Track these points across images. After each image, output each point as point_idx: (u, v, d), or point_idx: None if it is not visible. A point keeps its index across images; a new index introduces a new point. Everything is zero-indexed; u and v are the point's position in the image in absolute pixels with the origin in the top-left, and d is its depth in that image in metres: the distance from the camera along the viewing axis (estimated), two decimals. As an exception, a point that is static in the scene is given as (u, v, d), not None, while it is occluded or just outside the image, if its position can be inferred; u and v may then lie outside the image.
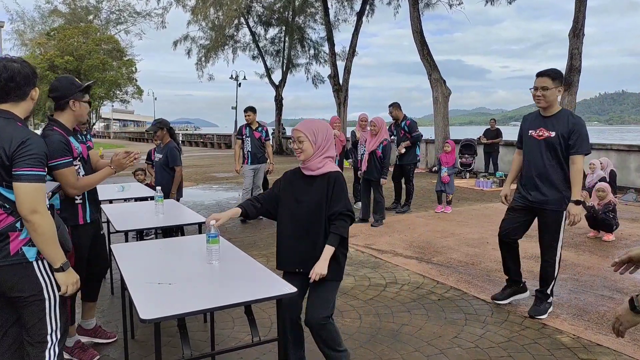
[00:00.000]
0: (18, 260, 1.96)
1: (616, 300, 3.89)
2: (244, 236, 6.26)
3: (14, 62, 2.03)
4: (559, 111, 3.41)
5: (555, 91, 3.33)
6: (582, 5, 11.10)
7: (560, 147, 3.33)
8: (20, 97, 2.04)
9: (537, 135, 3.43)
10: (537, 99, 3.38)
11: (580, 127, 3.31)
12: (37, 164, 1.91)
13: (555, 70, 3.37)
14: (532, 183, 3.48)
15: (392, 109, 7.81)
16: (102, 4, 37.37)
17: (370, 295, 4.08)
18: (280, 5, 23.00)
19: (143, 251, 2.87)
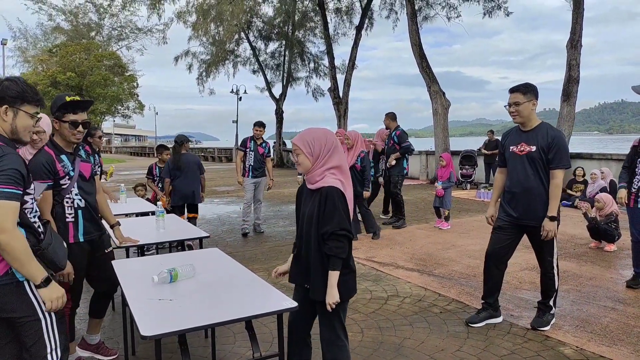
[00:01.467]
0: (8, 280, 1.92)
1: (619, 311, 3.87)
2: (245, 250, 6.25)
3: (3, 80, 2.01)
4: (539, 125, 3.37)
5: (528, 105, 3.31)
6: (579, 16, 11.20)
7: (542, 161, 3.29)
8: None
9: (519, 150, 3.38)
10: (512, 116, 3.38)
11: (560, 141, 3.28)
12: (8, 181, 1.84)
13: (526, 85, 3.36)
14: (517, 200, 3.42)
15: (386, 118, 7.80)
16: (104, 20, 37.81)
17: (372, 308, 4.06)
18: (280, 20, 23.26)
19: (144, 267, 2.88)
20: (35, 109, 2.06)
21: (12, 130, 2.00)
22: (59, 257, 2.09)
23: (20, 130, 2.02)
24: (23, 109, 2.01)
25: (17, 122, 2.00)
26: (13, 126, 1.99)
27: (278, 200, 11.28)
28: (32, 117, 2.05)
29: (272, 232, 7.44)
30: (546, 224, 3.30)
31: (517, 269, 5.12)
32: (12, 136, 2.02)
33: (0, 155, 1.88)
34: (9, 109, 1.98)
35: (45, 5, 35.32)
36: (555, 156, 3.25)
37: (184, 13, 21.57)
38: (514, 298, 4.23)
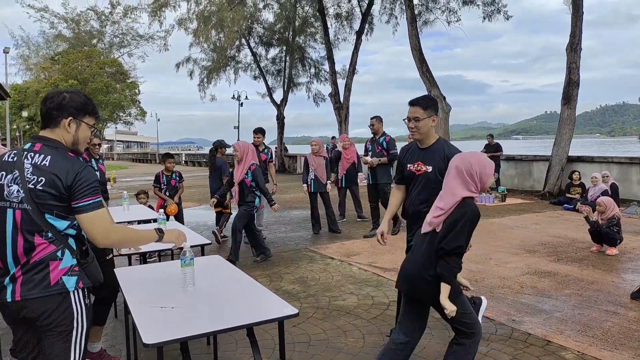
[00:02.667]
0: (58, 290, 1.91)
1: (620, 315, 3.87)
2: (246, 257, 6.26)
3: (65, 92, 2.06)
4: (435, 142, 3.10)
5: (428, 121, 3.02)
6: (578, 20, 11.23)
7: (437, 183, 2.88)
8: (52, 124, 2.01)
9: (415, 169, 3.12)
10: (411, 131, 3.08)
11: None
12: (95, 192, 1.93)
13: (427, 99, 3.09)
14: (411, 223, 3.15)
15: (375, 121, 7.34)
16: (106, 28, 38.03)
17: (374, 314, 4.07)
18: (281, 25, 23.38)
19: (146, 274, 2.90)
20: (94, 121, 2.11)
21: (74, 142, 2.04)
22: (98, 272, 2.10)
23: (80, 141, 2.07)
24: (85, 121, 2.05)
25: (80, 134, 2.05)
26: (75, 137, 2.03)
27: (280, 205, 11.29)
28: (91, 128, 2.10)
29: (274, 237, 7.45)
30: None
31: (519, 273, 5.13)
32: (72, 147, 2.06)
33: (83, 168, 1.92)
34: (73, 121, 2.01)
35: (47, 13, 35.59)
36: None
37: (185, 20, 21.74)
38: (515, 303, 4.23)
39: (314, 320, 3.95)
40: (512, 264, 5.50)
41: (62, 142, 2.00)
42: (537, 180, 12.36)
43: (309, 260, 5.88)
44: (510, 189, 12.31)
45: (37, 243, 1.89)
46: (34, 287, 1.88)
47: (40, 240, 1.89)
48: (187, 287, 2.50)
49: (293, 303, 3.82)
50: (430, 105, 3.05)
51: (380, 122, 7.38)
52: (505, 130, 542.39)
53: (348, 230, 7.84)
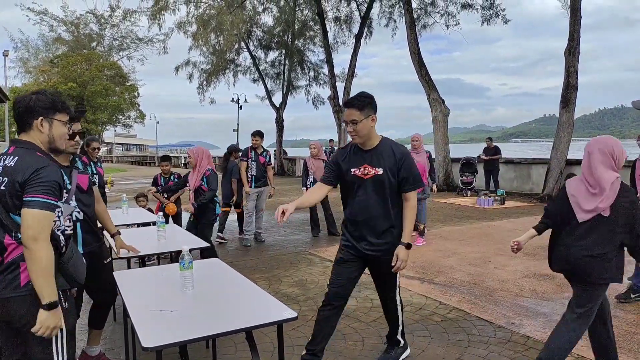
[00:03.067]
0: (28, 291, 1.92)
1: (619, 318, 3.87)
2: (246, 259, 6.26)
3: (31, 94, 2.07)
4: (380, 142, 2.87)
5: (367, 122, 2.76)
6: (576, 24, 11.27)
7: (390, 185, 2.81)
8: (25, 128, 2.06)
9: (362, 173, 2.83)
10: (350, 135, 2.86)
11: (408, 158, 2.85)
12: (47, 192, 1.89)
13: (361, 98, 2.79)
14: (361, 231, 2.89)
15: None
16: (105, 31, 38.10)
17: (373, 317, 4.07)
18: (280, 29, 23.43)
19: (145, 278, 2.90)
20: (67, 117, 2.13)
21: (50, 140, 2.07)
22: (78, 272, 2.08)
23: (57, 139, 2.09)
24: (57, 118, 2.08)
25: (54, 131, 2.07)
26: (50, 136, 2.07)
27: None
28: (65, 124, 2.12)
29: (273, 241, 7.45)
30: (400, 252, 2.81)
31: (518, 276, 5.13)
32: (50, 146, 2.09)
33: (43, 166, 1.92)
34: (44, 120, 2.04)
35: (47, 16, 35.69)
36: (407, 177, 2.82)
37: (185, 23, 21.77)
38: (514, 306, 4.23)
39: (313, 323, 3.93)
40: (511, 267, 5.50)
41: (35, 144, 2.03)
42: (536, 183, 12.38)
43: (308, 263, 5.87)
44: (509, 192, 12.32)
45: (6, 243, 1.92)
46: (5, 287, 1.92)
47: (10, 240, 1.92)
48: (187, 290, 2.50)
49: (292, 306, 3.82)
50: (367, 104, 2.77)
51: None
52: (504, 134, 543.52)
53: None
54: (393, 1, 19.65)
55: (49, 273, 1.89)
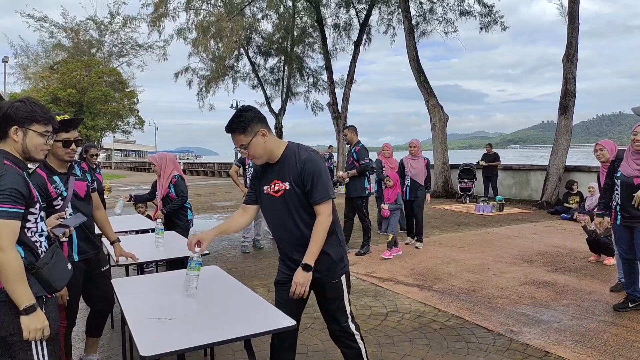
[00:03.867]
0: (2, 298, 1.92)
1: (618, 326, 3.87)
2: (244, 266, 6.25)
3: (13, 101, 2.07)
4: (285, 151, 2.45)
5: (258, 140, 2.36)
6: (574, 31, 11.33)
7: (300, 200, 2.41)
8: (2, 136, 2.06)
9: (274, 191, 2.45)
10: (249, 159, 2.54)
11: (312, 165, 2.38)
12: (5, 200, 1.88)
13: (240, 120, 2.36)
14: (288, 256, 2.53)
15: (347, 131, 7.03)
16: (105, 37, 38.20)
17: (372, 324, 4.06)
18: (279, 35, 23.55)
19: (143, 285, 2.89)
20: (45, 128, 2.11)
21: (24, 150, 2.07)
22: (54, 278, 2.05)
23: (31, 149, 2.08)
24: (32, 129, 2.07)
25: (27, 142, 2.07)
26: (24, 145, 2.06)
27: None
28: (43, 135, 2.10)
29: (271, 247, 7.43)
30: (297, 275, 2.38)
31: (517, 283, 5.12)
32: (24, 155, 2.09)
33: (1, 174, 1.91)
34: (19, 129, 2.04)
35: (47, 22, 35.75)
36: (313, 187, 2.37)
37: (184, 30, 21.89)
38: (513, 313, 4.22)
39: (312, 330, 3.93)
40: (510, 274, 5.49)
41: (9, 152, 2.04)
42: (534, 190, 12.39)
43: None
44: (508, 198, 12.33)
45: None
46: None
47: None
48: (190, 291, 2.50)
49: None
50: (248, 123, 2.35)
51: (354, 132, 6.94)
52: (503, 140, 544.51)
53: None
54: (392, 8, 19.79)
55: (20, 279, 1.89)
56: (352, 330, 2.56)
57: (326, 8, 21.04)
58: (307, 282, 2.38)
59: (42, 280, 2.01)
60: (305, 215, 2.43)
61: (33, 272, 1.98)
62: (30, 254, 2.01)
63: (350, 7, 20.62)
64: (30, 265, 1.97)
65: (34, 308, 1.92)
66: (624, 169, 4.08)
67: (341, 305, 2.53)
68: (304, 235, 2.43)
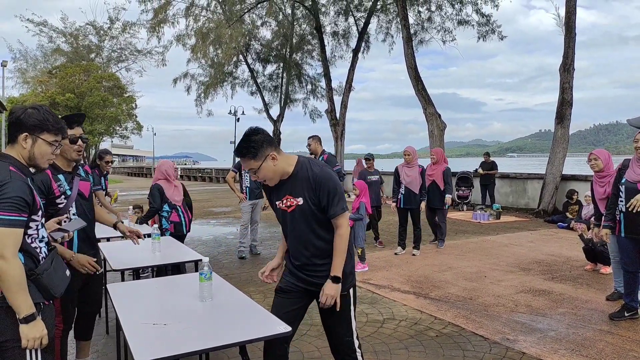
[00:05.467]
0: (1, 304, 1.90)
1: (614, 335, 3.87)
2: (240, 272, 6.23)
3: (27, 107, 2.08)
4: (296, 166, 2.45)
5: (268, 164, 2.37)
6: (571, 41, 11.42)
7: (314, 214, 2.42)
8: (11, 140, 2.07)
9: (286, 206, 2.47)
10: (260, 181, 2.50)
11: (326, 180, 2.39)
12: (9, 209, 1.87)
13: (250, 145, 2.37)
14: (303, 268, 2.51)
15: (311, 141, 6.73)
16: (104, 42, 38.25)
17: (368, 332, 4.05)
18: (278, 42, 23.64)
19: (139, 290, 2.88)
20: (55, 137, 2.11)
21: (30, 157, 2.07)
22: (53, 285, 2.04)
23: (37, 157, 2.08)
24: (42, 137, 2.07)
25: (35, 149, 2.06)
26: (31, 153, 2.06)
27: (274, 221, 11.27)
28: (51, 145, 2.11)
29: (268, 253, 7.42)
30: (327, 287, 2.40)
31: (513, 291, 5.12)
32: (30, 162, 2.08)
33: (6, 182, 1.90)
34: (29, 137, 2.04)
35: (46, 27, 35.78)
36: (329, 202, 2.38)
37: (183, 36, 21.95)
38: (509, 321, 4.22)
39: (308, 337, 3.92)
40: (506, 282, 5.49)
41: (14, 157, 2.03)
42: (531, 198, 12.42)
43: (303, 276, 5.84)
44: (505, 206, 12.35)
45: None
46: None
47: None
48: (206, 301, 2.52)
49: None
50: (258, 148, 2.37)
51: (318, 142, 6.68)
52: (500, 148, 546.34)
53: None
54: (390, 17, 19.91)
55: (22, 288, 1.88)
56: (355, 347, 2.52)
57: (325, 16, 21.17)
58: (337, 294, 2.40)
59: (41, 286, 2.00)
60: (318, 229, 2.44)
61: (32, 279, 1.97)
62: (30, 260, 2.00)
63: (349, 15, 20.74)
64: (29, 271, 1.96)
65: (33, 317, 1.91)
66: (628, 175, 4.08)
67: (347, 319, 2.50)
68: (315, 250, 2.45)
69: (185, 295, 2.71)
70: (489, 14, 17.19)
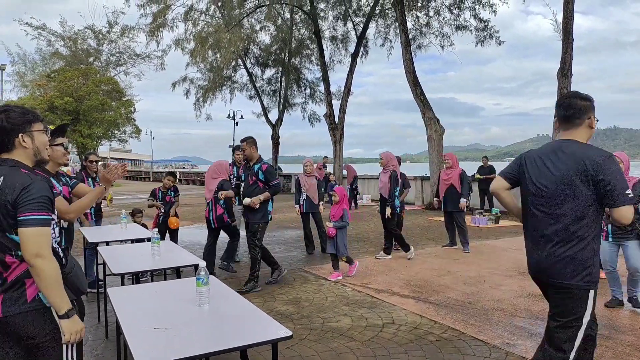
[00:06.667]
0: (35, 306, 1.96)
1: (614, 339, 3.87)
2: (240, 276, 6.22)
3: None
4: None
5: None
6: (568, 46, 11.48)
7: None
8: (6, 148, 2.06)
9: None
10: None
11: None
12: (39, 208, 1.92)
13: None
14: None
15: (245, 145, 5.63)
16: (103, 46, 38.26)
17: (368, 336, 4.04)
18: (277, 47, 23.70)
19: (139, 294, 2.87)
20: (41, 125, 2.14)
21: (35, 152, 2.10)
22: (80, 282, 2.14)
23: (41, 149, 2.12)
24: (34, 129, 2.10)
25: (37, 143, 2.10)
26: (35, 148, 2.09)
27: (274, 225, 11.26)
28: (43, 132, 2.14)
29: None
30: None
31: (512, 296, 5.12)
32: (36, 158, 2.11)
33: (30, 183, 1.94)
34: (24, 135, 2.07)
35: (45, 31, 35.79)
36: None
37: (182, 40, 21.98)
38: (509, 326, 4.22)
39: (308, 342, 3.91)
40: (506, 287, 5.49)
41: (18, 160, 2.05)
42: (530, 203, 12.42)
43: (302, 280, 5.84)
44: (503, 211, 12.35)
45: (9, 262, 1.94)
46: (12, 304, 1.94)
47: (12, 259, 1.94)
48: (203, 306, 2.51)
49: (286, 324, 3.79)
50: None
51: (254, 146, 5.64)
52: (499, 153, 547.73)
53: (342, 251, 7.82)
54: (389, 22, 19.99)
55: (59, 285, 1.94)
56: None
57: (324, 21, 21.23)
58: None
59: (71, 284, 2.07)
60: None
61: (64, 279, 2.02)
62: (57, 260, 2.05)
63: (348, 20, 20.81)
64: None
65: (73, 312, 1.99)
66: None
67: (576, 326, 2.24)
68: None
69: (185, 299, 2.70)
70: (486, 19, 17.26)
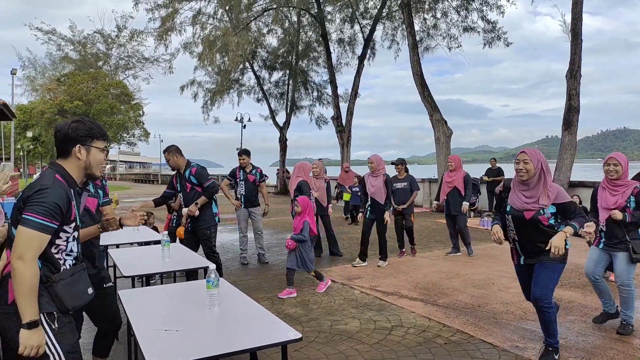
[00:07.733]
0: (13, 310, 1.89)
1: (625, 342, 3.84)
2: (249, 279, 6.25)
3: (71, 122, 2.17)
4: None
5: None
6: (577, 47, 11.40)
7: None
8: (63, 154, 2.13)
9: None
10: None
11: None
12: (44, 213, 1.89)
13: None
14: None
15: (168, 155, 5.34)
16: (112, 50, 38.57)
17: (376, 339, 4.04)
18: (284, 50, 23.75)
19: (149, 297, 2.90)
20: (104, 144, 2.22)
21: (86, 166, 2.15)
22: (67, 296, 2.01)
23: (93, 165, 2.17)
24: (94, 145, 2.16)
25: (91, 158, 2.15)
26: (87, 162, 2.15)
27: (281, 227, 11.29)
28: (102, 151, 2.21)
29: (275, 260, 7.43)
30: None
31: (522, 298, 5.07)
32: (86, 172, 2.16)
33: (47, 186, 1.96)
34: (82, 147, 2.12)
35: (55, 35, 36.14)
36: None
37: (190, 44, 22.09)
38: (518, 329, 4.20)
39: (316, 344, 3.92)
40: (515, 289, 5.45)
41: (63, 167, 2.09)
42: (539, 205, 12.34)
43: (310, 283, 5.85)
44: (512, 213, 12.26)
45: (8, 257, 1.95)
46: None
47: (9, 254, 1.95)
48: (213, 309, 2.53)
49: (295, 327, 3.80)
50: None
51: (176, 154, 5.34)
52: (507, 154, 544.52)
53: (349, 253, 7.83)
54: (396, 24, 19.95)
55: (31, 292, 1.88)
56: None
57: (331, 23, 21.25)
58: None
59: (54, 295, 1.98)
60: None
61: (47, 285, 1.97)
62: (47, 269, 1.99)
63: (355, 23, 20.81)
64: (45, 277, 1.97)
65: (36, 324, 1.89)
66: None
67: None
68: None
69: (195, 301, 2.73)
70: (494, 20, 17.18)
